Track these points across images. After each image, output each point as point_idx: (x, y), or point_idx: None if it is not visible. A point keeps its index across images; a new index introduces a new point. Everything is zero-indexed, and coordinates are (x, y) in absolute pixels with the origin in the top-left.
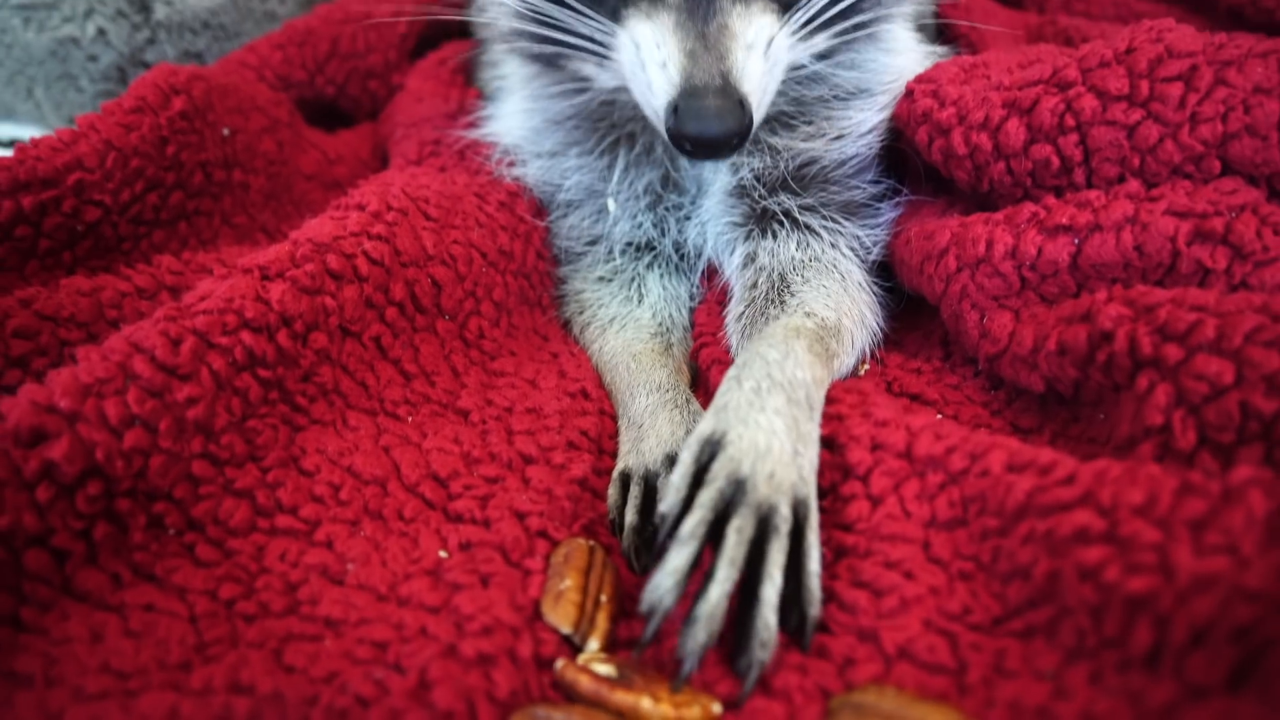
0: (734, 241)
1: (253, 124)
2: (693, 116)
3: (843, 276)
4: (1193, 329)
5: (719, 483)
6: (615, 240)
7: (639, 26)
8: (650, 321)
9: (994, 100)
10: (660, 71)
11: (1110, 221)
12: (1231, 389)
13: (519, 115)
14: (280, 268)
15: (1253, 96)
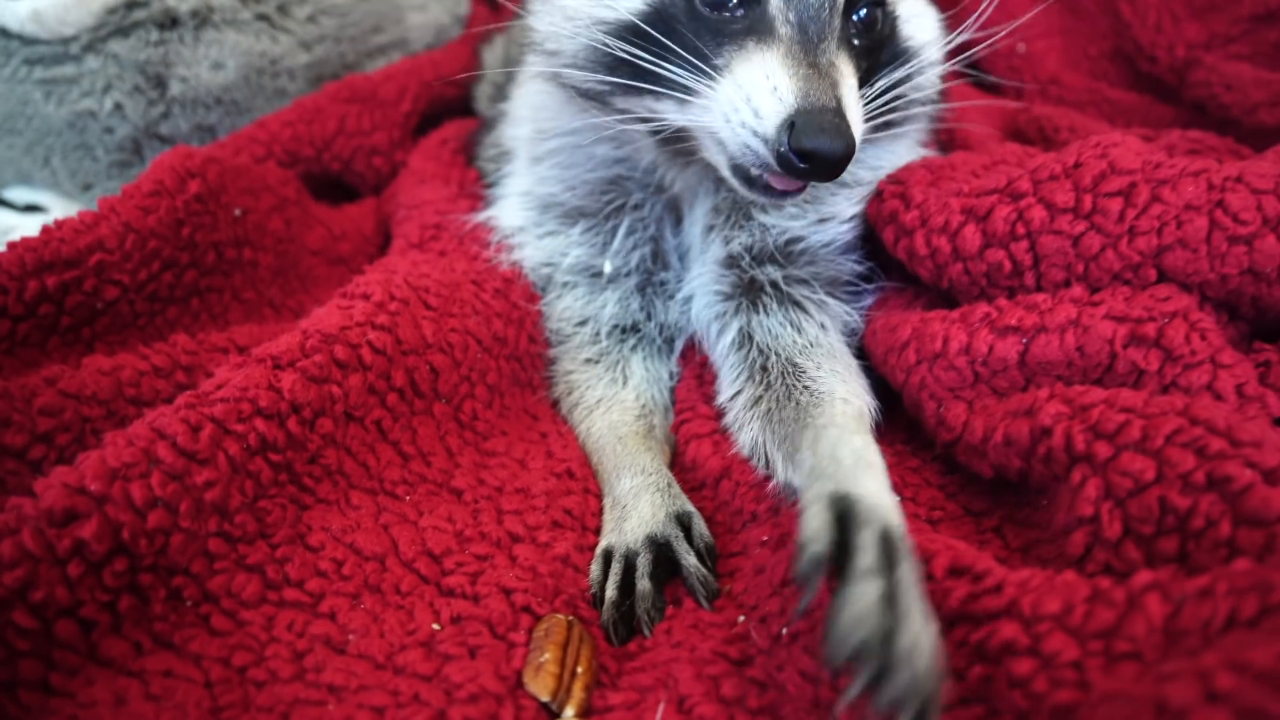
0: (724, 315)
1: (262, 203)
2: (813, 130)
3: (847, 365)
4: (1121, 429)
5: (876, 525)
6: (603, 323)
7: (746, 62)
8: (634, 404)
9: (954, 206)
10: (771, 96)
11: (1055, 324)
12: (1152, 485)
13: (521, 198)
14: (291, 358)
15: (1184, 213)
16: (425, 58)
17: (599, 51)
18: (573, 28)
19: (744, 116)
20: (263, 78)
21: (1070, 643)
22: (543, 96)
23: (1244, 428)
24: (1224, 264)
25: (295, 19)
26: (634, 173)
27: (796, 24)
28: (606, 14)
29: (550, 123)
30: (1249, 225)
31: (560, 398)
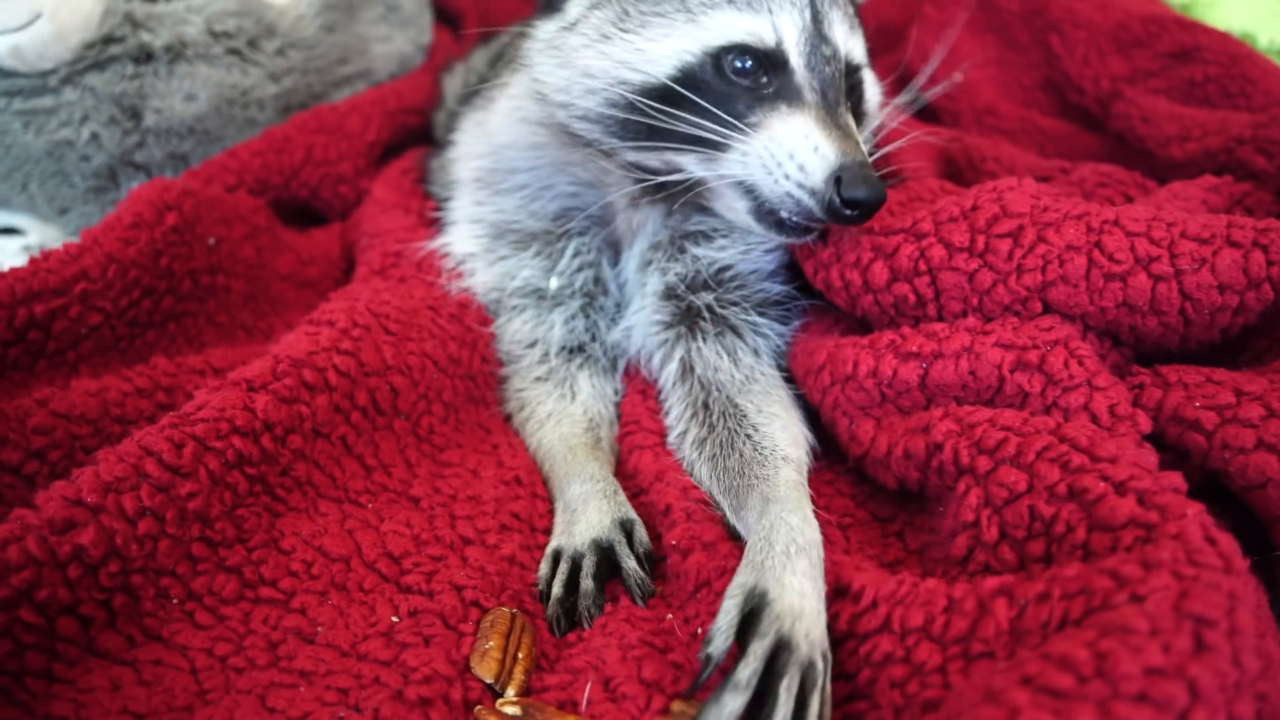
0: (666, 344)
1: (235, 232)
2: (858, 183)
3: (782, 400)
4: (1000, 445)
5: (769, 639)
6: (552, 344)
7: (782, 122)
8: (582, 417)
9: (865, 244)
10: (814, 154)
11: (951, 351)
12: (1024, 495)
13: (472, 225)
14: (263, 381)
15: (1066, 252)
16: (389, 88)
17: (618, 110)
18: (590, 85)
19: (788, 170)
20: (233, 108)
21: (934, 650)
22: (517, 132)
23: (1104, 445)
24: (1101, 298)
25: (264, 52)
26: (583, 205)
27: (820, 90)
28: (634, 76)
29: (517, 160)
30: (1123, 264)
31: (513, 413)
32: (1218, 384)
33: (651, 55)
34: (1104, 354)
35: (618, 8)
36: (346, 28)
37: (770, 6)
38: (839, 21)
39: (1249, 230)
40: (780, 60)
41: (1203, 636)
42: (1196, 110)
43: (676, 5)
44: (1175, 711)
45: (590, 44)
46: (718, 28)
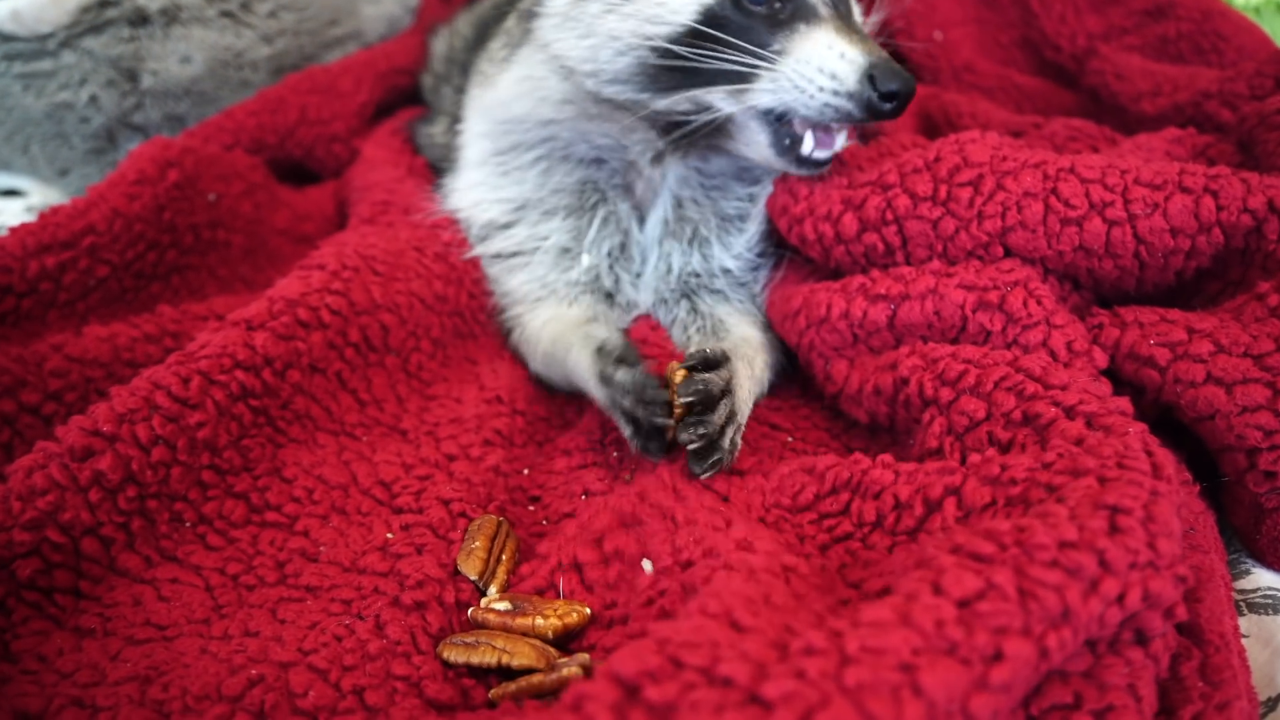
0: (676, 300)
1: (234, 189)
2: (890, 76)
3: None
4: (961, 376)
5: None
6: (582, 285)
7: (805, 40)
8: (578, 315)
9: (834, 198)
10: (841, 60)
11: (916, 292)
12: (983, 422)
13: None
14: (261, 320)
15: (1024, 199)
16: (380, 49)
17: (648, 63)
18: (618, 46)
19: (821, 83)
20: (228, 70)
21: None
22: (533, 109)
23: (1057, 374)
24: (1058, 242)
25: (257, 15)
26: (604, 172)
27: (832, 4)
28: (660, 29)
29: (530, 135)
30: (1078, 209)
31: (515, 339)
32: (1171, 323)
33: (673, 4)
34: (1064, 296)
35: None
36: None
37: None
38: None
39: (1200, 176)
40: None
41: (1116, 521)
42: (1169, 66)
43: None
44: (1086, 579)
45: (610, 8)
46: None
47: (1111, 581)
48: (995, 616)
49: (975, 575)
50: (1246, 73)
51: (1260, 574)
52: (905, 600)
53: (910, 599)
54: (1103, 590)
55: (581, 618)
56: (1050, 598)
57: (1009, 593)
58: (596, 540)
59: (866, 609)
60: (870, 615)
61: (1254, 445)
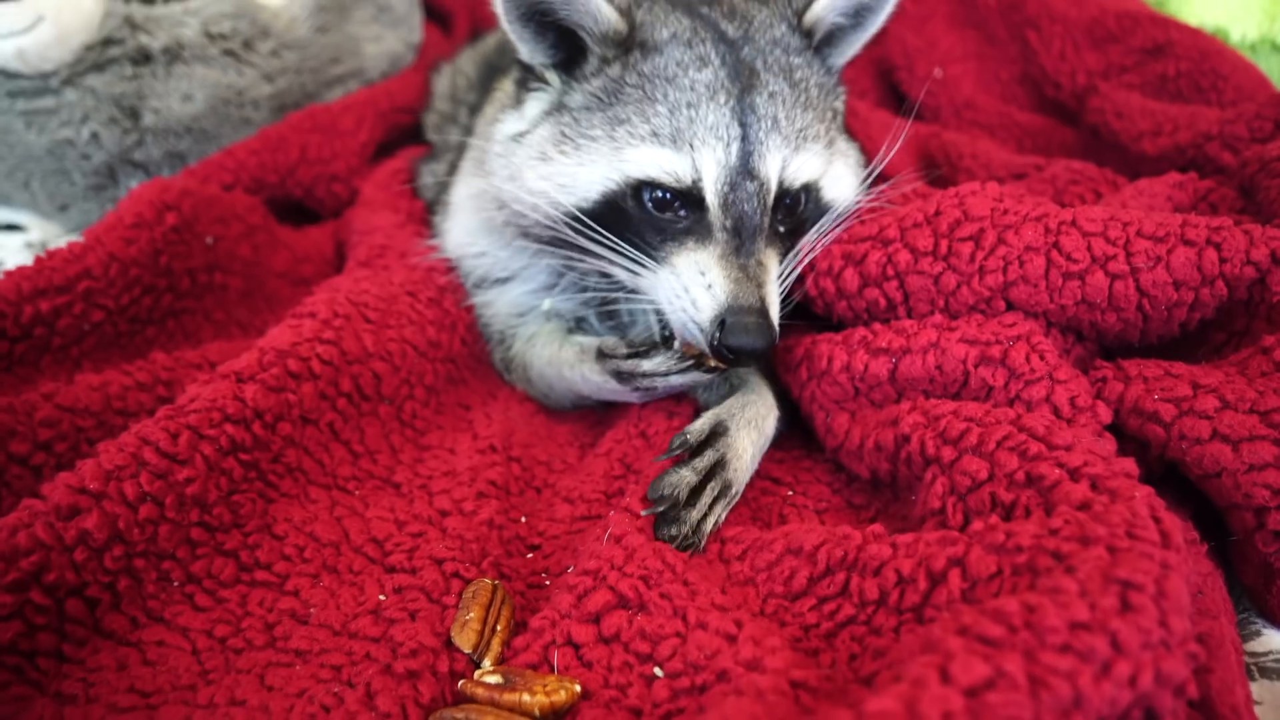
0: None
1: (232, 231)
2: (740, 331)
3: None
4: (963, 435)
5: (718, 452)
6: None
7: (684, 257)
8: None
9: (835, 253)
10: (706, 293)
11: (918, 346)
12: (986, 483)
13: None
14: (251, 372)
15: (1025, 253)
16: (381, 88)
17: (560, 224)
18: (534, 202)
19: (684, 305)
20: (229, 108)
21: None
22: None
23: (1060, 433)
24: (1061, 296)
25: (259, 53)
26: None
27: (732, 229)
28: (566, 199)
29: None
30: (1080, 263)
31: (500, 363)
32: (1176, 377)
33: (582, 180)
34: (1067, 349)
35: (557, 126)
36: (339, 28)
37: (693, 143)
38: (776, 148)
39: (1203, 228)
40: (696, 197)
41: (1128, 597)
42: (1169, 105)
43: (605, 130)
44: (1098, 662)
45: (533, 162)
46: (638, 161)
47: (1124, 664)
48: (1005, 707)
49: (984, 661)
50: (1247, 115)
51: (1271, 635)
52: (912, 688)
53: (917, 686)
54: (1115, 673)
55: (571, 696)
56: (1062, 685)
57: (1019, 680)
58: (593, 618)
59: (871, 699)
60: (875, 707)
61: (1262, 504)
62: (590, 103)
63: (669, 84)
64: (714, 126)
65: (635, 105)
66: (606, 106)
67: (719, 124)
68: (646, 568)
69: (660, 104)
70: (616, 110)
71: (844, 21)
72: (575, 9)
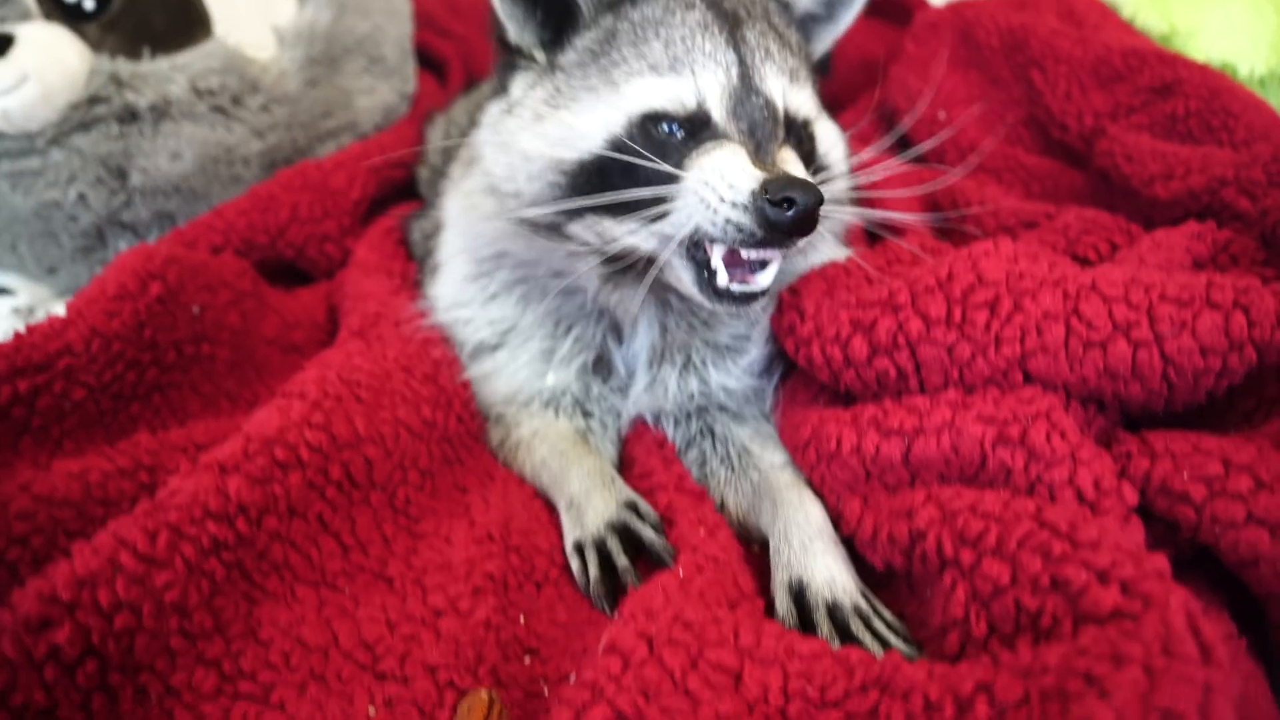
0: (681, 417)
1: (220, 299)
2: (785, 186)
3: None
4: (982, 535)
5: (822, 610)
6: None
7: (708, 155)
8: (569, 428)
9: (843, 318)
10: (740, 172)
11: (932, 426)
12: (1009, 588)
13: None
14: (235, 462)
15: (1044, 321)
16: (374, 142)
17: (559, 188)
18: (530, 169)
19: (721, 191)
20: (218, 166)
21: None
22: (483, 232)
23: (1086, 529)
24: (1082, 367)
25: (248, 109)
26: (574, 306)
27: (746, 130)
28: (568, 154)
29: (497, 261)
30: (1101, 331)
31: (498, 442)
32: (1206, 453)
33: (581, 130)
34: (1089, 420)
35: (549, 86)
36: (330, 81)
37: (693, 68)
38: (774, 75)
39: (1228, 290)
40: (704, 118)
41: None
42: (1179, 146)
43: (601, 78)
44: None
45: (526, 126)
46: (639, 95)
47: None
48: None
49: None
50: (1263, 158)
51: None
52: None
53: None
54: None
55: None
56: None
57: None
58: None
59: None
60: None
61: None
62: (584, 57)
63: (660, 24)
64: (711, 53)
65: (630, 47)
66: (600, 55)
67: (715, 50)
68: (645, 679)
69: (654, 41)
70: (611, 56)
71: (818, 10)
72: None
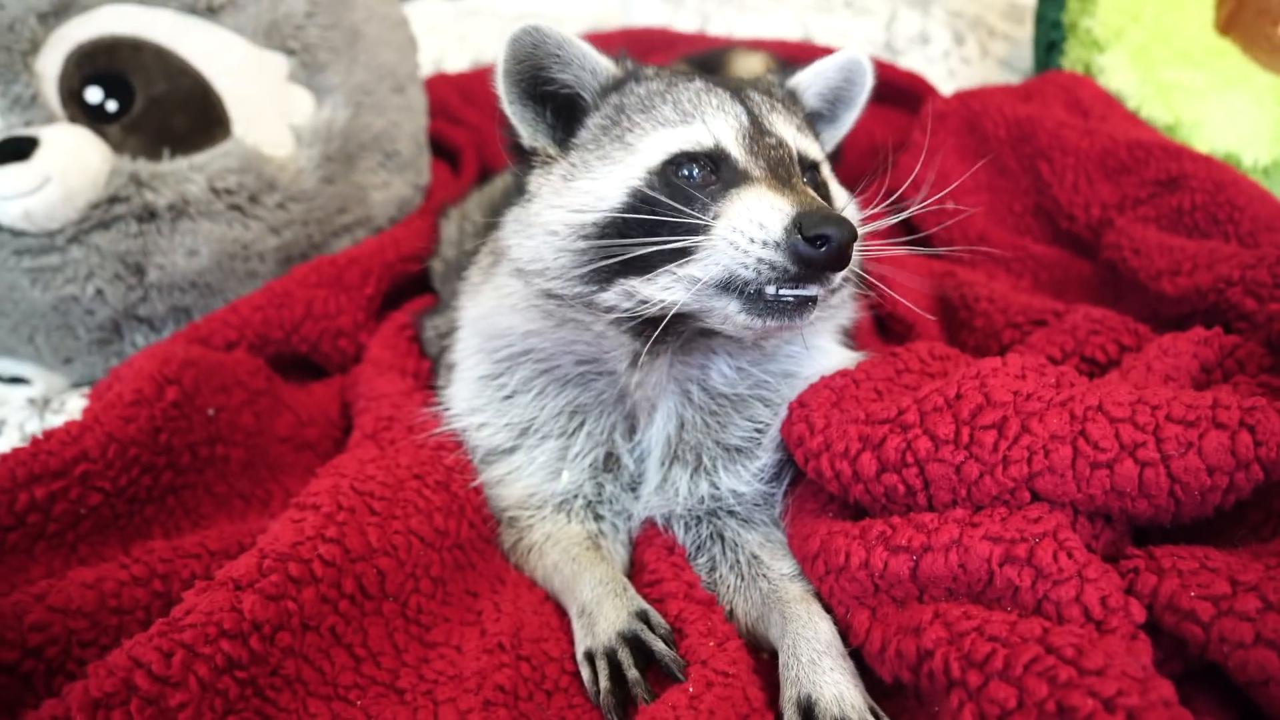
0: (692, 521)
1: (234, 400)
2: (818, 221)
3: (785, 555)
4: (989, 658)
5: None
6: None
7: (737, 200)
8: (581, 533)
9: (852, 434)
10: (770, 210)
11: (939, 544)
12: (1015, 712)
13: (487, 411)
14: (250, 579)
15: (1051, 442)
16: (388, 236)
17: (585, 254)
18: (555, 241)
19: (751, 234)
20: (234, 261)
21: None
22: (510, 320)
23: (1092, 654)
24: (1089, 486)
25: (265, 206)
26: (591, 396)
27: (768, 168)
28: (590, 216)
29: (516, 348)
30: (1108, 452)
31: (510, 545)
32: (1213, 571)
33: (601, 192)
34: (1096, 534)
35: (565, 166)
36: (345, 178)
37: (704, 118)
38: (782, 122)
39: (1235, 410)
40: (722, 155)
41: None
42: (1186, 240)
43: (615, 145)
44: None
45: (546, 205)
46: (655, 147)
47: None
48: None
49: None
50: (1269, 260)
51: None
52: None
53: None
54: None
55: None
56: None
57: None
58: None
59: None
60: None
61: None
62: (596, 134)
63: (665, 94)
64: (718, 105)
65: (640, 114)
66: (612, 127)
67: (722, 104)
68: None
69: (663, 106)
70: (622, 124)
71: (821, 107)
72: (574, 68)
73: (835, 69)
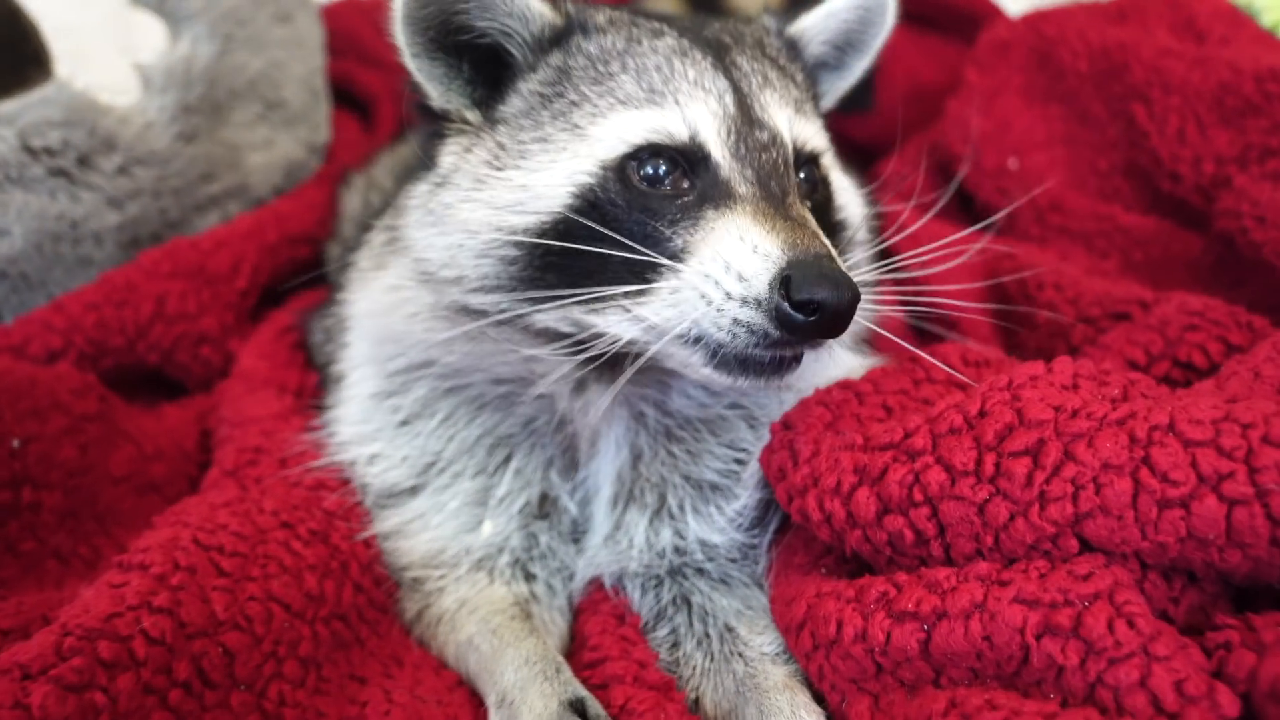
0: (651, 582)
1: (50, 427)
2: (813, 279)
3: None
4: None
5: None
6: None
7: (711, 233)
8: (506, 597)
9: (845, 464)
10: (753, 255)
11: (957, 609)
12: None
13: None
14: (43, 664)
15: (1103, 474)
16: (270, 211)
17: (515, 265)
18: (477, 244)
19: (727, 287)
20: (60, 245)
21: None
22: (413, 333)
23: None
24: (1157, 532)
25: (101, 172)
26: (516, 423)
27: (756, 181)
28: (521, 219)
29: (423, 370)
30: (1182, 486)
31: (413, 615)
32: None
33: (538, 188)
34: (1175, 597)
35: (490, 145)
36: (211, 135)
37: (677, 98)
38: (776, 104)
39: None
40: (699, 155)
41: None
42: None
43: (557, 125)
44: None
45: (465, 195)
46: (614, 134)
47: None
48: None
49: None
50: None
51: None
52: None
53: None
54: None
55: None
56: None
57: None
58: None
59: None
60: None
61: None
62: (531, 103)
63: (625, 55)
64: (696, 80)
65: (591, 85)
66: (553, 98)
67: (701, 77)
68: None
69: (621, 75)
70: (567, 97)
71: (827, 55)
72: (498, 12)
73: (850, 7)
